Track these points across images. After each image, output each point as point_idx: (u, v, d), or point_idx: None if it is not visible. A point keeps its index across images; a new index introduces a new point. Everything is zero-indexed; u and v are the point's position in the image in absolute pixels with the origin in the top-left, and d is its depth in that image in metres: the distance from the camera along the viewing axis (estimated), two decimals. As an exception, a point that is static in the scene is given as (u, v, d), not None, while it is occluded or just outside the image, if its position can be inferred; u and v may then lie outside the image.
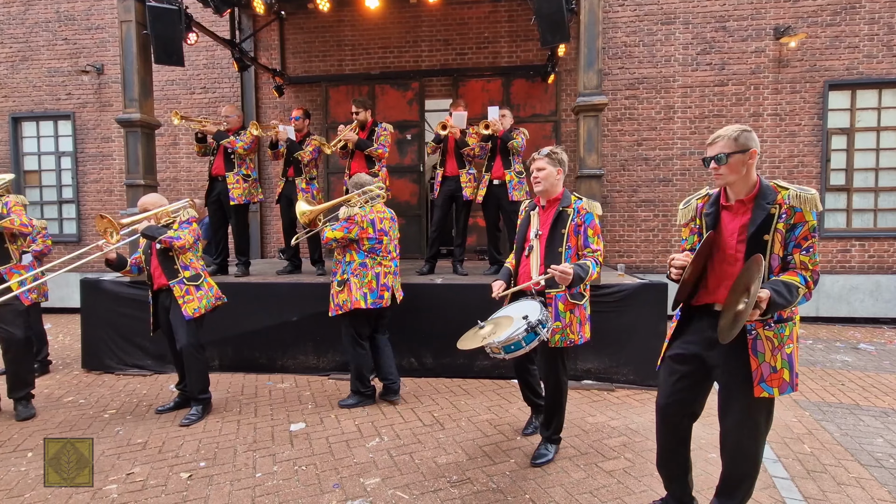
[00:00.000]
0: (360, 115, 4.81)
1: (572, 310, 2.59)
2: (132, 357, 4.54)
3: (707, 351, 1.89)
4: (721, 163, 1.84)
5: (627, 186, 6.91)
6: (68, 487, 2.47)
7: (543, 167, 2.63)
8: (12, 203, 3.47)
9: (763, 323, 1.80)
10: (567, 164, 2.72)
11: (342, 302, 3.43)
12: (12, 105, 8.05)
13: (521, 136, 4.67)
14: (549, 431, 2.77)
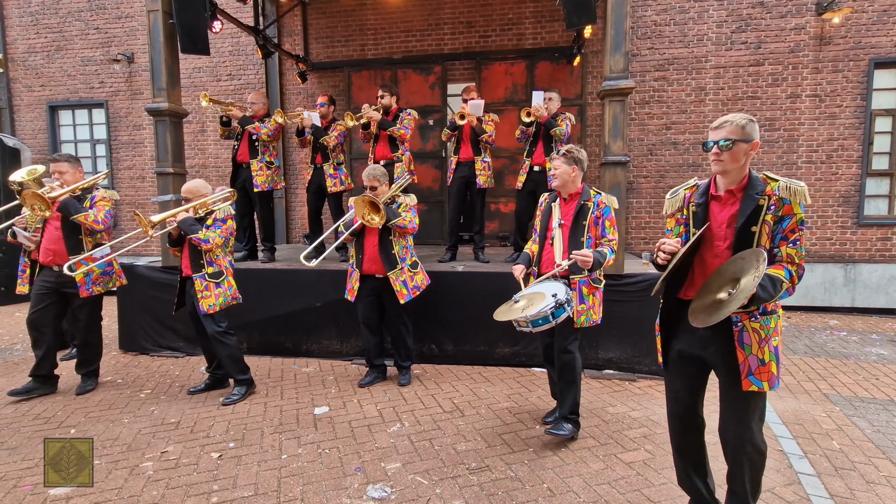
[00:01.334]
0: (385, 100, 4.80)
1: (594, 293, 2.86)
2: (165, 339, 4.73)
3: (703, 350, 1.89)
4: (725, 149, 1.78)
5: (655, 172, 6.73)
6: (108, 465, 2.63)
7: (558, 166, 2.88)
8: (98, 197, 3.65)
9: (749, 314, 1.79)
10: (585, 162, 2.92)
11: (420, 282, 3.71)
12: (49, 94, 8.33)
13: (566, 122, 4.59)
14: (566, 409, 2.83)
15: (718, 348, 1.84)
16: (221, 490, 2.37)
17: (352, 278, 3.71)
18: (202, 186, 3.54)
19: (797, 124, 6.32)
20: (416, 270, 3.71)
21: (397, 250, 3.59)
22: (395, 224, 3.51)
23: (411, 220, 3.58)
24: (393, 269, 3.56)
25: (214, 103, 4.83)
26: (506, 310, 2.78)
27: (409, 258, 3.66)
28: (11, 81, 8.42)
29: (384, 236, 3.56)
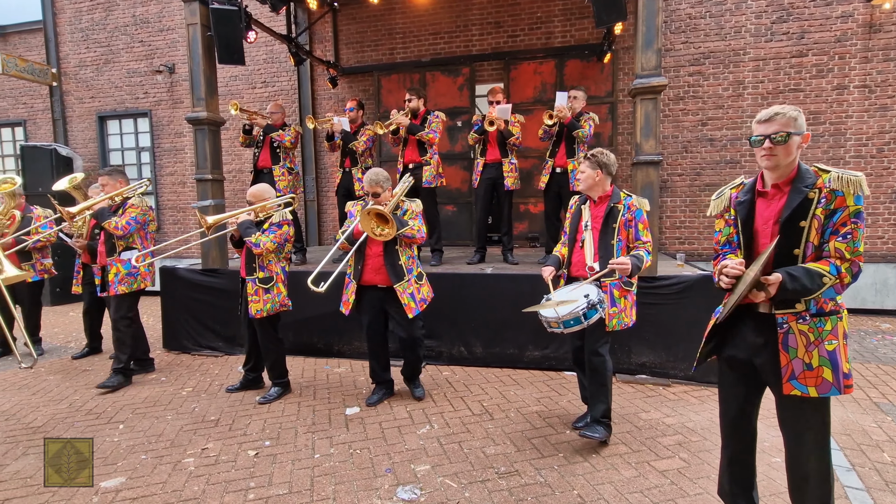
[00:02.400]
0: (413, 103, 4.83)
1: (625, 296, 2.82)
2: (205, 339, 4.93)
3: (755, 357, 1.79)
4: (779, 142, 1.67)
5: (690, 170, 6.53)
6: (153, 460, 2.77)
7: (584, 170, 2.89)
8: (129, 205, 3.94)
9: (796, 315, 1.68)
10: (613, 165, 2.89)
11: (427, 294, 3.43)
12: (98, 105, 8.81)
13: (590, 122, 4.54)
14: (598, 413, 2.78)
15: (766, 353, 1.74)
16: (258, 487, 2.46)
17: (347, 290, 3.41)
18: (266, 191, 3.63)
19: (844, 117, 6.00)
20: (422, 282, 3.43)
21: (404, 261, 3.29)
22: (403, 234, 3.21)
23: (420, 229, 3.28)
24: (400, 282, 3.24)
25: (243, 112, 5.00)
26: (537, 305, 2.76)
27: (415, 269, 3.39)
28: (64, 94, 8.94)
29: (390, 246, 3.26)
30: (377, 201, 3.22)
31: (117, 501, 2.37)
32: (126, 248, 3.94)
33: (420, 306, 3.32)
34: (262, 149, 5.13)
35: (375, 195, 3.23)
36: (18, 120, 9.28)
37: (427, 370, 4.21)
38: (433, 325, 4.25)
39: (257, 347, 3.76)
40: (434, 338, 4.37)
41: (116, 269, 3.89)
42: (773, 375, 1.73)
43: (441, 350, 4.39)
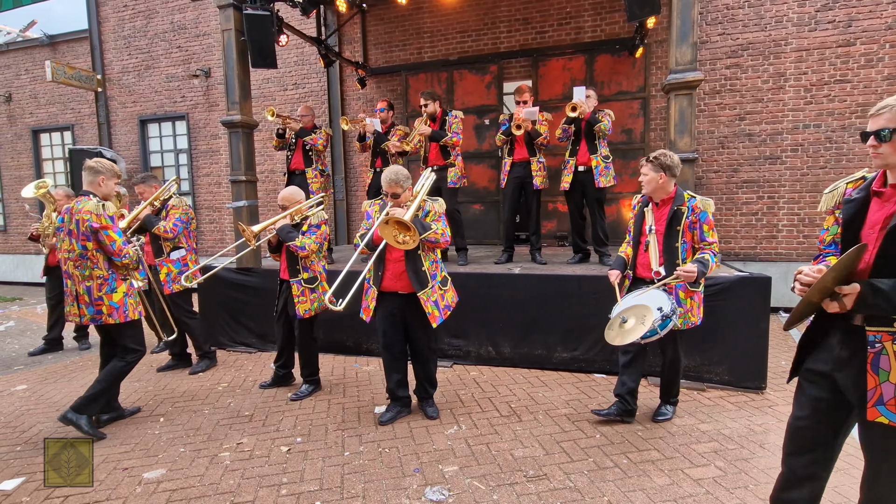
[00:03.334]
0: (429, 108, 4.83)
1: (692, 296, 2.91)
2: (240, 335, 5.08)
3: (837, 372, 1.61)
4: (884, 139, 1.48)
5: (726, 166, 6.30)
6: (191, 453, 2.88)
7: (646, 173, 2.89)
8: (170, 206, 4.13)
9: (893, 335, 1.48)
10: (677, 167, 2.86)
11: (451, 300, 3.18)
12: (139, 109, 9.18)
13: (607, 118, 4.47)
14: (668, 395, 3.19)
15: (851, 371, 1.56)
16: (290, 483, 2.52)
17: (367, 296, 3.23)
18: (296, 193, 3.70)
19: None
20: (446, 288, 3.17)
21: (427, 266, 3.05)
22: (427, 239, 2.96)
23: (444, 233, 3.01)
24: (424, 289, 3.01)
25: (278, 117, 5.11)
26: (617, 330, 2.65)
27: (439, 274, 3.13)
28: (109, 99, 9.36)
29: (412, 251, 3.00)
30: (397, 202, 3.01)
31: (158, 492, 2.48)
32: (174, 248, 4.13)
33: (444, 314, 3.09)
34: (294, 151, 5.24)
35: (395, 196, 3.00)
36: (67, 125, 9.78)
37: (455, 370, 4.22)
38: (461, 324, 4.25)
39: (289, 345, 3.85)
40: (462, 337, 4.38)
41: (168, 269, 4.08)
42: (857, 396, 1.56)
43: (469, 350, 4.39)
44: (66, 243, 3.06)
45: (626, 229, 3.21)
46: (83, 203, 3.03)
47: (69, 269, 3.07)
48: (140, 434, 3.14)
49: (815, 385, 1.69)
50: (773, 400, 3.47)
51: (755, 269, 6.11)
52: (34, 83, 9.89)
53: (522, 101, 4.68)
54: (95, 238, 3.02)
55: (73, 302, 3.09)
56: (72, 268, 3.06)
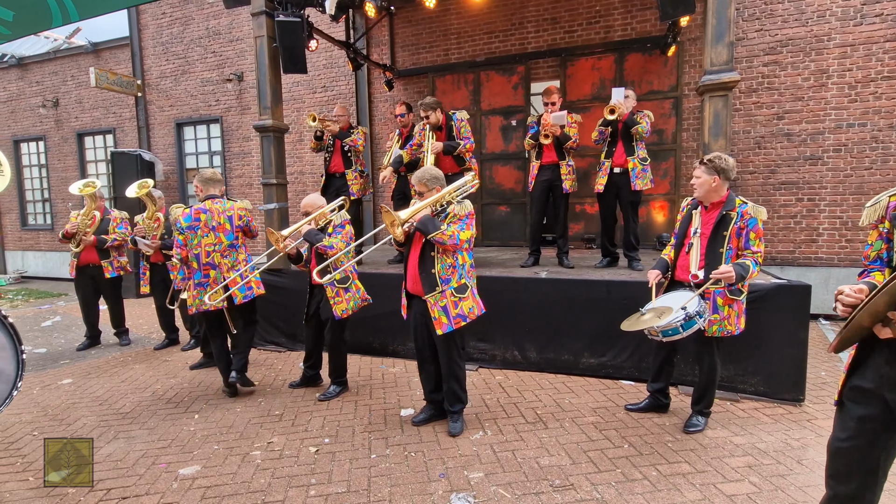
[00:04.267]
0: (432, 119, 4.62)
1: (730, 304, 2.85)
2: (270, 335, 5.21)
3: (889, 392, 1.53)
4: None
5: (763, 167, 6.08)
6: (224, 450, 2.97)
7: (699, 175, 2.84)
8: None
9: None
10: (732, 170, 2.80)
11: (468, 310, 2.97)
12: (176, 113, 9.50)
13: (646, 119, 4.37)
14: (701, 406, 3.10)
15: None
16: (318, 484, 2.58)
17: (403, 294, 3.21)
18: (318, 198, 3.77)
19: (951, 107, 5.35)
20: (463, 295, 2.96)
21: (438, 269, 2.93)
22: (433, 239, 2.86)
23: (452, 235, 2.84)
24: (432, 292, 2.93)
25: (320, 121, 5.10)
26: (634, 321, 2.81)
27: (454, 280, 2.95)
28: (147, 103, 9.73)
29: (425, 251, 2.96)
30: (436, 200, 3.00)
31: (193, 488, 2.58)
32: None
33: (455, 323, 2.91)
34: (333, 154, 5.28)
35: (420, 194, 3.03)
36: (109, 128, 10.21)
37: (480, 373, 4.22)
38: (486, 328, 4.24)
39: (318, 347, 3.93)
40: (487, 341, 4.37)
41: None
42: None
43: (494, 354, 4.38)
44: (211, 237, 3.62)
45: (673, 232, 3.19)
46: (229, 203, 3.75)
47: (214, 259, 3.63)
48: (177, 430, 3.26)
49: (860, 404, 1.61)
50: (812, 413, 3.34)
51: (793, 274, 5.89)
52: (79, 89, 10.37)
53: (550, 102, 4.62)
54: (247, 228, 3.78)
55: (212, 290, 3.58)
56: (218, 258, 3.63)
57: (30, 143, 11.12)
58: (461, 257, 3.00)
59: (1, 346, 2.23)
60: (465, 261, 3.02)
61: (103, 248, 5.06)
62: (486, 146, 7.34)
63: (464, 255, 3.02)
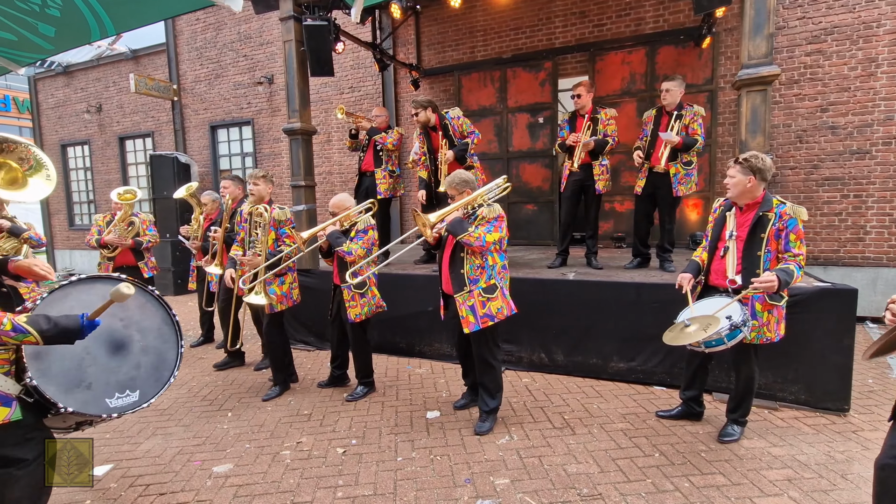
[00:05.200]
0: (420, 117, 4.58)
1: (770, 310, 2.72)
2: (299, 333, 5.31)
3: None
4: None
5: (805, 162, 5.80)
6: (255, 449, 3.05)
7: (734, 175, 2.71)
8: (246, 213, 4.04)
9: None
10: (769, 170, 2.67)
11: (496, 310, 3.03)
12: (210, 116, 9.79)
13: (698, 121, 4.04)
14: (737, 414, 2.98)
15: None
16: (345, 486, 2.61)
17: (441, 295, 3.33)
18: (346, 199, 3.76)
19: None
20: (491, 295, 3.02)
21: (467, 270, 3.02)
22: (461, 240, 2.95)
23: (479, 237, 2.91)
24: (460, 292, 3.03)
25: (349, 115, 5.20)
26: (677, 333, 2.68)
27: (483, 280, 3.02)
28: (183, 107, 10.05)
29: (455, 252, 3.08)
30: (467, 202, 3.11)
31: (226, 486, 2.65)
32: None
33: (482, 322, 2.99)
34: (366, 152, 5.34)
35: (452, 197, 3.15)
36: (148, 132, 10.62)
37: (506, 375, 4.19)
38: (512, 329, 4.20)
39: (344, 347, 3.98)
40: (513, 342, 4.33)
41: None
42: None
43: (521, 356, 4.34)
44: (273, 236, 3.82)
45: (704, 233, 3.06)
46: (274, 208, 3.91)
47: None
48: (211, 428, 3.37)
49: None
50: (858, 424, 3.17)
51: (838, 275, 5.60)
52: (120, 94, 10.81)
53: (577, 94, 4.54)
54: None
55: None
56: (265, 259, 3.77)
57: (76, 147, 11.67)
58: (491, 258, 3.07)
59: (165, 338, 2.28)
60: (495, 262, 3.08)
61: (139, 250, 5.26)
62: (512, 144, 7.27)
63: (494, 256, 3.08)
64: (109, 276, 2.21)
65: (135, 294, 2.05)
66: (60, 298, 2.01)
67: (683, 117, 4.10)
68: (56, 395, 1.88)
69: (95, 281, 2.14)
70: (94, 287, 2.11)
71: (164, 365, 2.27)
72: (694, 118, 4.08)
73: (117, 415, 2.06)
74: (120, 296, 1.79)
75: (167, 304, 2.33)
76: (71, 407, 1.90)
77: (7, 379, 1.82)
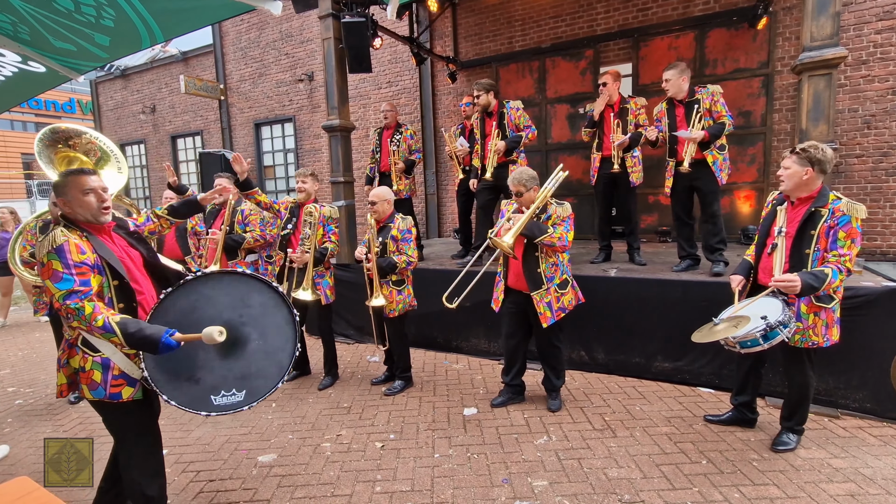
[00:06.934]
0: (482, 100, 4.51)
1: (817, 312, 2.56)
2: (340, 327, 5.42)
3: None
4: None
5: (873, 149, 5.35)
6: (297, 440, 3.14)
7: (789, 166, 2.55)
8: (247, 211, 4.18)
9: None
10: (829, 162, 2.46)
11: (568, 303, 3.26)
12: (254, 114, 10.10)
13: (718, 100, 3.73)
14: (792, 422, 2.82)
15: None
16: (384, 480, 2.65)
17: (497, 288, 3.45)
18: (387, 192, 3.77)
19: None
20: (564, 290, 3.24)
21: (543, 269, 3.17)
22: (541, 242, 3.07)
23: (561, 237, 3.04)
24: (537, 290, 3.17)
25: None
26: (706, 332, 2.58)
27: (557, 277, 3.21)
28: (230, 106, 10.42)
29: (529, 253, 3.18)
30: (520, 201, 3.20)
31: (270, 476, 2.75)
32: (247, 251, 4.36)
33: (557, 315, 3.21)
34: (381, 152, 5.37)
35: (518, 194, 3.18)
36: (197, 130, 11.09)
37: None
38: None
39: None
40: (552, 340, 4.25)
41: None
42: None
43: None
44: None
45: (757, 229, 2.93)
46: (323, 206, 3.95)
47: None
48: (256, 418, 3.50)
49: None
50: (932, 436, 2.92)
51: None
52: (172, 95, 11.33)
53: (603, 82, 4.39)
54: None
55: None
56: None
57: (132, 146, 12.36)
58: (562, 255, 3.25)
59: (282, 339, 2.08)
60: (564, 258, 3.28)
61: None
62: (551, 136, 7.10)
63: (563, 254, 3.24)
64: (234, 271, 2.09)
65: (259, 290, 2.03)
66: (186, 293, 1.96)
67: (701, 103, 3.77)
68: (164, 387, 1.87)
69: (223, 276, 2.04)
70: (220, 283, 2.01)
71: (275, 367, 2.05)
72: (714, 100, 3.75)
73: (217, 413, 1.95)
74: (210, 339, 1.76)
75: (290, 303, 2.12)
76: (174, 402, 1.87)
77: (132, 365, 1.95)
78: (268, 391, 2.01)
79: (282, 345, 2.07)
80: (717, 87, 3.81)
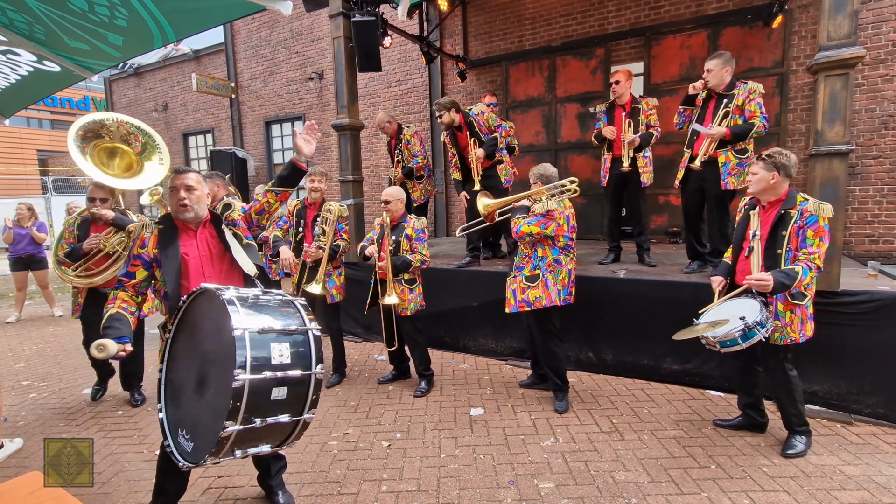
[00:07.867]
0: (444, 119, 4.47)
1: (792, 309, 2.62)
2: (347, 325, 5.43)
3: None
4: None
5: (891, 150, 5.26)
6: (304, 438, 3.16)
7: (757, 172, 2.65)
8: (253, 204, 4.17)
9: None
10: (792, 166, 2.60)
11: (534, 299, 3.30)
12: (265, 112, 10.17)
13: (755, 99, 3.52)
14: (791, 423, 2.81)
15: None
16: (390, 480, 2.66)
17: None
18: (399, 192, 3.80)
19: None
20: (532, 284, 3.31)
21: (516, 258, 3.46)
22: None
23: (517, 225, 3.24)
24: (509, 274, 3.47)
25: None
26: (687, 330, 2.72)
27: (527, 269, 3.34)
28: (240, 104, 10.50)
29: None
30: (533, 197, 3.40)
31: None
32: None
33: (519, 307, 3.34)
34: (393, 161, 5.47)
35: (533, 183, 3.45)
36: (209, 128, 11.19)
37: (552, 375, 4.11)
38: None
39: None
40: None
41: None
42: None
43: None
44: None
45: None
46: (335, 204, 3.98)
47: None
48: (264, 415, 3.52)
49: None
50: (948, 444, 2.86)
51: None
52: (184, 93, 11.44)
53: (615, 80, 4.36)
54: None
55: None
56: None
57: (145, 143, 12.50)
58: (541, 250, 3.30)
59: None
60: (545, 254, 3.30)
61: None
62: (560, 135, 7.07)
63: (545, 248, 3.30)
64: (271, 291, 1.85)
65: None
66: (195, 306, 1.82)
67: (734, 99, 3.60)
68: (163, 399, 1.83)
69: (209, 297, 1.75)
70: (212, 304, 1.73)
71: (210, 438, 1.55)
72: (749, 98, 3.55)
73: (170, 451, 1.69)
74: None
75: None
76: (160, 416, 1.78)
77: None
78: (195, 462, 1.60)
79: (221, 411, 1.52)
80: (757, 85, 3.61)
